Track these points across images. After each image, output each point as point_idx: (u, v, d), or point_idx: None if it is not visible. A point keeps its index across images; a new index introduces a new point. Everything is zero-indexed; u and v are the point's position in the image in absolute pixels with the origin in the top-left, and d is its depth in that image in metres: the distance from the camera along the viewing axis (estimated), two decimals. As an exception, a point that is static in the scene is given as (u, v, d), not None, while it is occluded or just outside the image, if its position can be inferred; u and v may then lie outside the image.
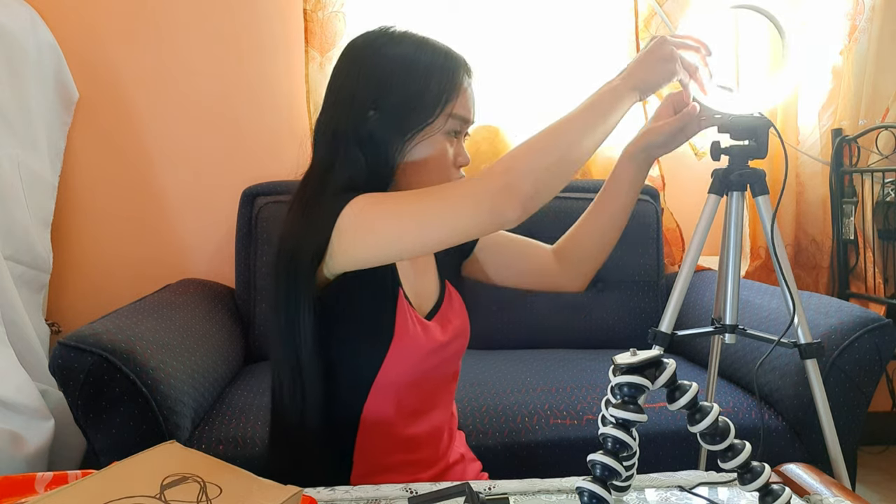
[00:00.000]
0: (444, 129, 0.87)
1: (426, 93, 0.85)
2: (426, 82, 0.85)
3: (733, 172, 1.12)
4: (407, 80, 0.85)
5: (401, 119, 0.85)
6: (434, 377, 0.92)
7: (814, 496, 0.75)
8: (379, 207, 0.79)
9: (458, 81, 0.87)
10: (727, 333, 1.17)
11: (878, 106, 2.00)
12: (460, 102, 0.87)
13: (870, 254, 1.96)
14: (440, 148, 0.87)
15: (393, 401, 0.88)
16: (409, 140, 0.85)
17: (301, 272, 0.81)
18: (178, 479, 0.63)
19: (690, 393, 0.64)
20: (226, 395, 1.46)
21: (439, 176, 0.87)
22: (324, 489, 0.76)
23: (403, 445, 0.90)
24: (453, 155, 0.89)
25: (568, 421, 1.37)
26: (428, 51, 0.87)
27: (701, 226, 1.16)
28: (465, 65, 0.89)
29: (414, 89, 0.84)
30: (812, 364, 1.12)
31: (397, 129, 0.85)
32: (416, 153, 0.86)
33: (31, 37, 1.73)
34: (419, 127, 0.85)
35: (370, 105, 0.85)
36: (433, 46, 0.88)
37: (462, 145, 0.91)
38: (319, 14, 1.90)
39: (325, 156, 0.87)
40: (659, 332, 1.16)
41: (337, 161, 0.85)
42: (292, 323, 0.82)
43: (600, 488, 0.61)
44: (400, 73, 0.85)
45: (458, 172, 0.90)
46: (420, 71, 0.85)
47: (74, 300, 1.97)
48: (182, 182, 2.01)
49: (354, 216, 0.78)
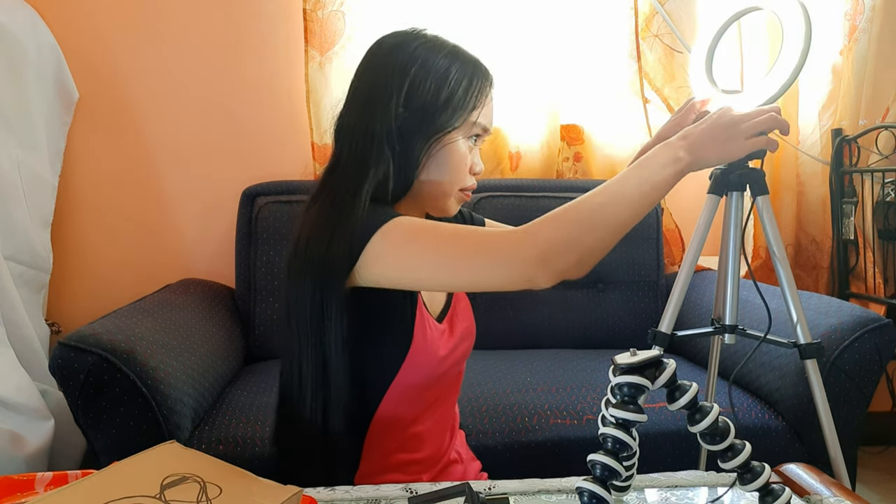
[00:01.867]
0: (466, 134, 0.89)
1: (454, 99, 0.87)
2: (455, 89, 0.87)
3: (733, 172, 1.12)
4: (440, 85, 0.86)
5: (429, 121, 0.86)
6: (444, 379, 0.93)
7: (814, 496, 0.75)
8: (415, 245, 0.78)
9: (484, 90, 0.90)
10: (727, 334, 1.17)
11: (878, 106, 2.00)
12: (484, 112, 0.91)
13: (870, 254, 1.96)
14: (461, 153, 0.89)
15: (407, 403, 0.89)
16: (433, 142, 0.87)
17: (332, 278, 0.80)
18: (178, 479, 0.63)
19: (690, 393, 0.64)
20: (226, 395, 1.46)
21: (455, 180, 0.89)
22: (324, 489, 0.76)
23: (408, 444, 0.91)
24: (471, 162, 0.91)
25: (568, 421, 1.37)
26: (459, 59, 0.89)
27: (700, 226, 1.16)
28: (491, 77, 0.92)
29: (445, 95, 0.86)
30: (812, 364, 1.12)
31: (424, 131, 0.86)
32: (438, 156, 0.87)
33: (31, 37, 1.73)
34: (445, 130, 0.87)
35: (402, 105, 0.86)
36: (464, 56, 0.90)
37: (478, 154, 0.93)
38: (319, 13, 1.90)
39: (356, 154, 0.86)
40: (659, 333, 1.16)
41: (371, 160, 0.85)
42: (320, 325, 0.82)
43: (600, 488, 0.61)
44: (433, 77, 0.86)
45: (472, 179, 0.92)
46: (452, 78, 0.87)
47: (74, 300, 1.97)
48: (182, 182, 2.01)
49: (390, 245, 0.78)
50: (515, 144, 2.05)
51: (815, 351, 1.11)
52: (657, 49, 2.03)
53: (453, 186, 0.90)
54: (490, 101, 0.92)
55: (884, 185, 1.94)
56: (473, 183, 0.93)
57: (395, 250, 0.78)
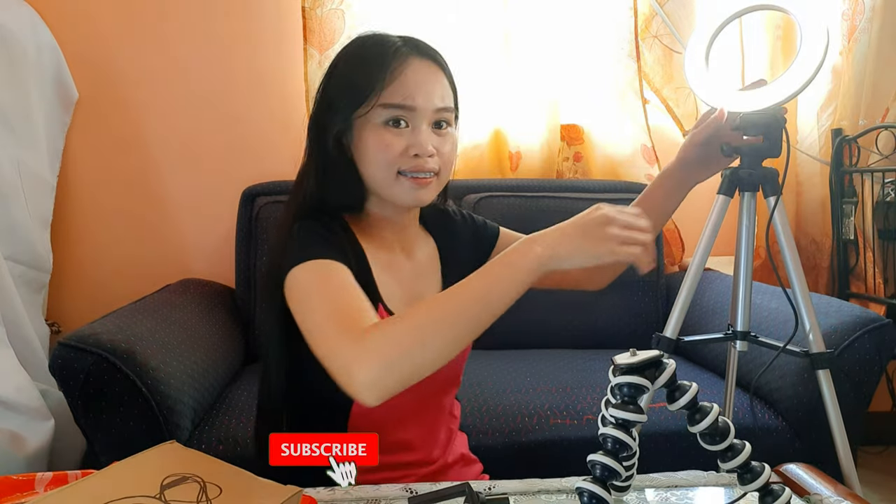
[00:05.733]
0: (380, 119, 0.85)
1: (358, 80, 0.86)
2: (354, 76, 0.87)
3: (745, 172, 1.09)
4: (345, 70, 0.88)
5: (341, 106, 0.87)
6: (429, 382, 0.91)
7: (814, 496, 0.75)
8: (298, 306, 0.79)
9: (387, 68, 0.84)
10: (738, 340, 1.11)
11: (878, 106, 2.00)
12: (391, 91, 0.84)
13: (870, 254, 1.96)
14: (377, 138, 0.85)
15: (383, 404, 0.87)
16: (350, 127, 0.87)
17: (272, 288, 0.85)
18: (178, 479, 0.63)
19: (690, 393, 0.64)
20: (226, 395, 1.46)
21: (381, 164, 0.86)
22: (323, 489, 0.76)
23: (395, 447, 0.90)
24: (403, 145, 0.85)
25: (568, 421, 1.37)
26: (369, 42, 0.89)
27: (709, 228, 1.11)
28: (399, 49, 0.86)
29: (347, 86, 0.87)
30: (825, 375, 1.06)
31: (340, 116, 0.87)
32: (359, 148, 0.87)
33: (31, 37, 1.73)
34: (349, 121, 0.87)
35: (325, 97, 0.89)
36: (377, 38, 0.89)
37: (422, 134, 0.85)
38: (318, 11, 1.89)
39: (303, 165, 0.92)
40: (663, 338, 1.11)
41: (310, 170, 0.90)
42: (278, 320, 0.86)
43: (600, 488, 0.61)
44: (341, 75, 0.89)
45: (413, 161, 0.86)
46: (355, 60, 0.88)
47: (74, 300, 1.97)
48: (182, 182, 2.01)
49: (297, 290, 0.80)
50: (515, 144, 2.05)
51: (828, 361, 1.06)
52: (656, 50, 2.03)
53: (384, 172, 0.86)
54: (402, 75, 0.84)
55: (884, 185, 1.94)
56: (416, 165, 0.85)
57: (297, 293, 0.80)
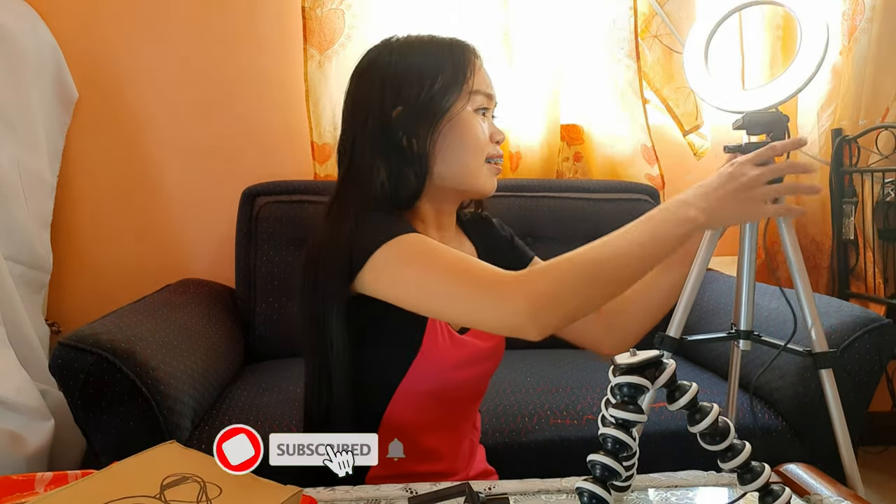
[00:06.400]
0: (473, 106, 0.88)
1: (442, 77, 0.86)
2: (440, 68, 0.87)
3: None
4: (422, 73, 0.86)
5: (425, 108, 0.86)
6: (459, 392, 0.92)
7: (814, 496, 0.74)
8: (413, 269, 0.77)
9: (470, 60, 0.89)
10: (741, 340, 1.10)
11: (878, 106, 2.00)
12: (478, 79, 0.89)
13: (870, 254, 1.96)
14: (472, 124, 0.88)
15: (414, 409, 0.88)
16: (437, 126, 0.86)
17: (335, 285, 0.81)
18: (178, 479, 0.63)
19: (690, 393, 0.64)
20: (226, 395, 1.46)
21: (475, 151, 0.88)
22: (324, 489, 0.76)
23: (423, 454, 0.91)
24: (488, 132, 0.90)
25: (568, 421, 1.37)
26: (434, 43, 0.89)
27: None
28: (473, 48, 0.91)
29: (430, 81, 0.86)
30: (828, 374, 1.05)
31: (426, 121, 0.86)
32: (449, 138, 0.87)
33: (31, 37, 1.73)
34: (444, 109, 0.86)
35: (391, 107, 0.86)
36: (438, 39, 0.90)
37: (493, 123, 0.92)
38: (318, 11, 1.89)
39: (357, 168, 0.88)
40: (667, 337, 1.10)
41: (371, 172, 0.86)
42: (322, 326, 0.83)
43: (600, 488, 0.61)
44: (414, 69, 0.87)
45: (496, 148, 0.91)
46: (431, 61, 0.87)
47: (74, 300, 1.97)
48: (182, 182, 2.01)
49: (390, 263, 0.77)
50: (515, 144, 2.05)
51: (831, 360, 1.05)
52: (656, 49, 2.03)
53: (477, 160, 0.89)
54: (480, 69, 0.90)
55: (884, 185, 1.94)
56: (499, 152, 0.91)
57: (394, 269, 0.78)
